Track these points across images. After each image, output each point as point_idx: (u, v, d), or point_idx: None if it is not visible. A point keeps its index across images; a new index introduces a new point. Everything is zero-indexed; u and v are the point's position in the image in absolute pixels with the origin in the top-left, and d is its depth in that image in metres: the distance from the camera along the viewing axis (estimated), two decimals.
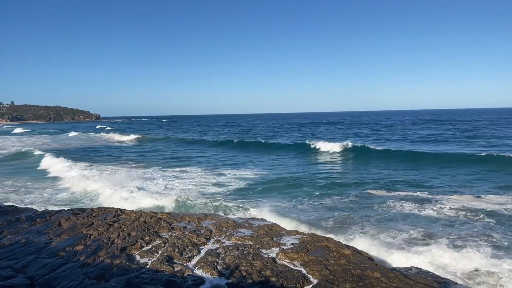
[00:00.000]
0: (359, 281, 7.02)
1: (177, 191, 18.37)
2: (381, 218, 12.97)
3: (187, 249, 8.70)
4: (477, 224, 12.17)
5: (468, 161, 26.43)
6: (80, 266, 7.61)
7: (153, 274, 7.19)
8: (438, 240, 10.59)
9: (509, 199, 15.46)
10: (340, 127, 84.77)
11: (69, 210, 12.10)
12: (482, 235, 10.99)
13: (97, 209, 12.07)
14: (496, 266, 8.73)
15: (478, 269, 8.73)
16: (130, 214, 11.37)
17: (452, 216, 13.09)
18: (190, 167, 27.30)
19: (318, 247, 8.68)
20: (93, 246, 8.73)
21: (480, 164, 25.03)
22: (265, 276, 7.25)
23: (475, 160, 26.38)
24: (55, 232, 9.84)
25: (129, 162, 30.99)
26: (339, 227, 12.14)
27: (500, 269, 8.57)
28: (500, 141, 39.82)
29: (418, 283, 7.10)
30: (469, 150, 31.81)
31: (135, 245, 8.84)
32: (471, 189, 17.72)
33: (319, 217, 13.38)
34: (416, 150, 32.72)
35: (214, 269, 7.60)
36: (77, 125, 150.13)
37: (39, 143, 54.32)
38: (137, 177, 22.55)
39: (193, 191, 18.64)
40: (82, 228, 10.11)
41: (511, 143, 37.78)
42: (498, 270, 8.53)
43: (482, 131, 54.77)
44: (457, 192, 17.10)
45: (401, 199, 15.60)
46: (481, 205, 14.43)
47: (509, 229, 11.66)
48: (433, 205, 14.62)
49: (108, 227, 10.08)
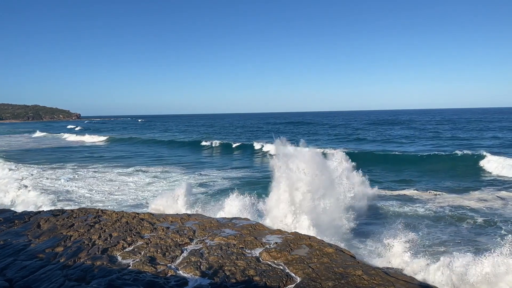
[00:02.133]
0: (342, 278, 7.10)
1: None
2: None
3: (170, 249, 8.63)
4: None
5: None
6: (60, 268, 7.48)
7: (136, 275, 7.12)
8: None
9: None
10: (297, 126, 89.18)
11: (49, 211, 11.87)
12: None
13: (77, 210, 11.87)
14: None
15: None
16: (112, 215, 11.22)
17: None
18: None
19: (301, 246, 8.74)
20: (73, 247, 8.59)
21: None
22: (248, 276, 7.26)
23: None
24: (34, 234, 9.64)
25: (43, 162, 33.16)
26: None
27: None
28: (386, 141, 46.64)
29: (399, 280, 7.23)
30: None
31: (116, 246, 8.73)
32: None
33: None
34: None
35: (198, 269, 7.57)
36: (50, 125, 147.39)
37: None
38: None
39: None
40: (62, 229, 9.92)
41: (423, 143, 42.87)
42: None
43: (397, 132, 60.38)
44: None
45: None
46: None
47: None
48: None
49: (89, 228, 9.93)
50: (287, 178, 12.03)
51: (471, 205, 16.16)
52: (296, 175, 12.12)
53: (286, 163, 12.46)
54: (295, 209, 11.47)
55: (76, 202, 17.99)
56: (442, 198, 17.70)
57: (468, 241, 11.75)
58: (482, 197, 17.69)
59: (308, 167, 12.32)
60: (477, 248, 10.82)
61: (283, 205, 11.61)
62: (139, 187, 21.69)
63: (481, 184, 21.08)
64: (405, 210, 15.62)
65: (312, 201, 11.79)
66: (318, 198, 11.99)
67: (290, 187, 11.87)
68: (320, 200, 12.00)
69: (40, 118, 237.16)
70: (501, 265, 7.41)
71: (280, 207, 11.65)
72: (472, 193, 18.69)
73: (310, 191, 11.85)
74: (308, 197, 11.78)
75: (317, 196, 11.99)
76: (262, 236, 9.58)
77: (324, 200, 12.06)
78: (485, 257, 7.73)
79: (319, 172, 12.57)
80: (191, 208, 14.22)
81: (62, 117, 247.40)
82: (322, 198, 12.09)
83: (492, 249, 8.18)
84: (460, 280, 7.76)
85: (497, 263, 7.48)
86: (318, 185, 12.18)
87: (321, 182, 12.40)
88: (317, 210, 11.76)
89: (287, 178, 12.02)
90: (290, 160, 12.57)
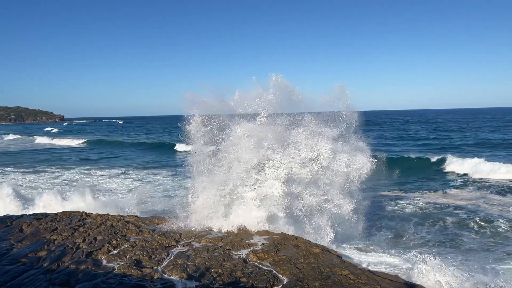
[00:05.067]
0: (328, 278, 7.15)
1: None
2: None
3: (156, 252, 8.56)
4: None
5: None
6: (43, 272, 7.35)
7: (121, 279, 7.03)
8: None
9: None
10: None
11: (31, 215, 11.63)
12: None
13: (61, 213, 11.67)
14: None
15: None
16: (96, 218, 11.06)
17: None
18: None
19: (288, 247, 8.75)
20: (57, 251, 8.44)
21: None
22: (235, 277, 7.24)
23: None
24: (16, 238, 9.45)
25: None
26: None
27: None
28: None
29: (385, 279, 7.32)
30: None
31: (101, 250, 8.61)
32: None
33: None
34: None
35: (184, 271, 7.52)
36: (29, 127, 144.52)
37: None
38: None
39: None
40: (46, 233, 9.74)
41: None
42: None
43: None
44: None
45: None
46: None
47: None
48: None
49: (73, 232, 9.77)
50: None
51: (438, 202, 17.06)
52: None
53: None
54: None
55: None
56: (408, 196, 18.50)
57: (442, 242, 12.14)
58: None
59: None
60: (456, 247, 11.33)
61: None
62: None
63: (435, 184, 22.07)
64: (389, 208, 15.92)
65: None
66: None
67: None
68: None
69: (23, 120, 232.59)
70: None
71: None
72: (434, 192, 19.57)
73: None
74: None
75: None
76: (249, 237, 9.56)
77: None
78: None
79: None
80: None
81: (45, 119, 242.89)
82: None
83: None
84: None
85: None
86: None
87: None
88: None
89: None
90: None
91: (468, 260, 10.20)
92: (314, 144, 10.94)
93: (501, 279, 8.33)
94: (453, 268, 8.15)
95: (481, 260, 10.17)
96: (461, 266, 9.18)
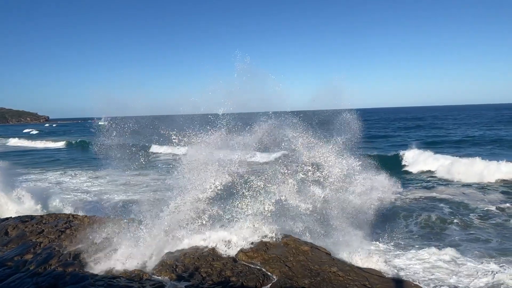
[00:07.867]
0: (317, 276, 7.20)
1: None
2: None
3: None
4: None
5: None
6: (30, 275, 7.25)
7: (109, 281, 6.98)
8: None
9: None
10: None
11: (17, 218, 11.43)
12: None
13: (47, 215, 11.49)
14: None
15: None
16: (84, 220, 10.94)
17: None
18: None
19: (277, 245, 8.77)
20: (43, 254, 8.33)
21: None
22: (225, 277, 7.24)
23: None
24: (2, 241, 9.30)
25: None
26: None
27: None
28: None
29: (373, 275, 7.40)
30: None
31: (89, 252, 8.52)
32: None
33: None
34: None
35: (173, 272, 7.49)
36: (11, 128, 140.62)
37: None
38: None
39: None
40: (32, 236, 9.60)
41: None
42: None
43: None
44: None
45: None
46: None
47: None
48: None
49: (60, 234, 9.65)
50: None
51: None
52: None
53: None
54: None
55: None
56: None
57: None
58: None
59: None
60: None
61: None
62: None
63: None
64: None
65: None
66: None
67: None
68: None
69: (6, 121, 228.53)
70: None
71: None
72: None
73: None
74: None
75: None
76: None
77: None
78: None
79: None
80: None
81: (29, 120, 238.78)
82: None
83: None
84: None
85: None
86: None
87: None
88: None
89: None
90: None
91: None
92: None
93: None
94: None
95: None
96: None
